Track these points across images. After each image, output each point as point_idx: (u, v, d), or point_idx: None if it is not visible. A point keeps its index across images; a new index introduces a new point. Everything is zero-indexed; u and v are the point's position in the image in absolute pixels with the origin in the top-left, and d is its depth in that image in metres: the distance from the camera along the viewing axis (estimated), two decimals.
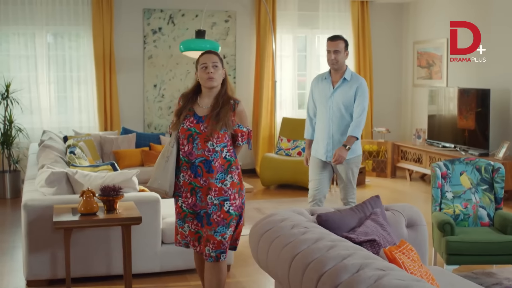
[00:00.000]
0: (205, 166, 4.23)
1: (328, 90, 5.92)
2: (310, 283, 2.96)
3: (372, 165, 11.09)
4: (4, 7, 9.79)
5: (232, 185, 4.28)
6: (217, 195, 4.24)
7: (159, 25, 10.61)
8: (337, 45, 5.80)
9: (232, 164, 4.30)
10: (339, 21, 11.46)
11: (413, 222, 4.24)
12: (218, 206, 4.23)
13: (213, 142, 4.22)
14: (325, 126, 5.93)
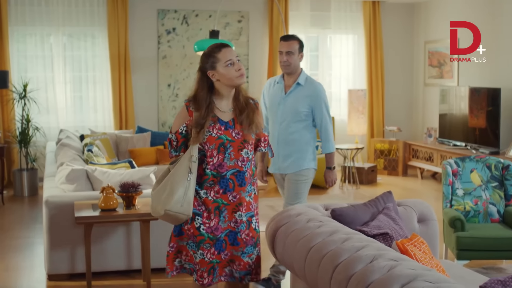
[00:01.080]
0: (237, 178, 3.68)
1: (279, 95, 5.23)
2: (326, 273, 3.09)
3: (384, 163, 11.20)
4: (21, 8, 9.98)
5: (255, 198, 3.79)
6: (245, 210, 3.71)
7: (173, 25, 10.77)
8: (290, 45, 5.07)
9: (255, 175, 3.82)
10: (351, 21, 11.59)
11: (424, 217, 4.36)
12: (247, 224, 3.71)
13: (248, 150, 3.70)
14: (275, 135, 5.24)
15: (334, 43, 11.77)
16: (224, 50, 3.70)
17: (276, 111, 5.22)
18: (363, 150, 11.32)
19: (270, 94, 5.32)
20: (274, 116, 5.26)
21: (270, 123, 5.31)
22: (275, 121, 5.23)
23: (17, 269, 5.95)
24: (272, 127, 5.27)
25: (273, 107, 5.26)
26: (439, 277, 2.63)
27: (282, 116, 5.19)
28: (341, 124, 11.49)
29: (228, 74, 3.66)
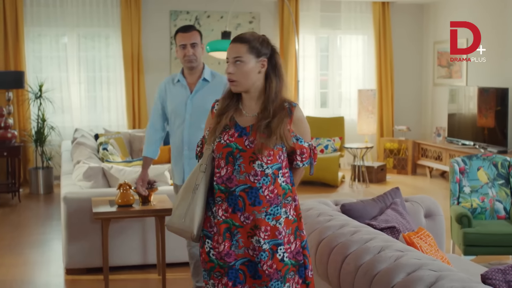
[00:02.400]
0: (249, 196, 3.00)
1: (184, 95, 4.61)
2: (336, 264, 3.25)
3: (393, 162, 11.33)
4: (36, 9, 10.17)
5: (286, 224, 3.04)
6: (268, 236, 2.99)
7: None
8: (193, 37, 4.52)
9: (287, 194, 3.07)
10: (361, 22, 11.73)
11: (431, 212, 4.51)
12: (269, 253, 3.00)
13: (263, 162, 3.00)
14: (180, 143, 4.62)
15: (344, 44, 11.91)
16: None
17: (183, 113, 4.57)
18: (373, 149, 11.45)
19: (172, 95, 4.66)
20: (180, 119, 4.59)
21: (175, 127, 4.65)
22: (183, 124, 4.58)
23: (34, 264, 6.12)
24: (177, 131, 4.63)
25: (178, 109, 4.60)
26: (442, 266, 2.78)
27: (191, 117, 4.55)
28: (351, 123, 11.63)
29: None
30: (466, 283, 2.54)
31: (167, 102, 4.68)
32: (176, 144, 4.67)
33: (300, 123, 3.10)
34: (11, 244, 6.72)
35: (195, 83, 4.61)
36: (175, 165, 4.75)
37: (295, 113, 3.08)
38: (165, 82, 4.78)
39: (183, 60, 4.54)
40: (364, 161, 10.38)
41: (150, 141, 4.81)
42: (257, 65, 3.05)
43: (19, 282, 5.57)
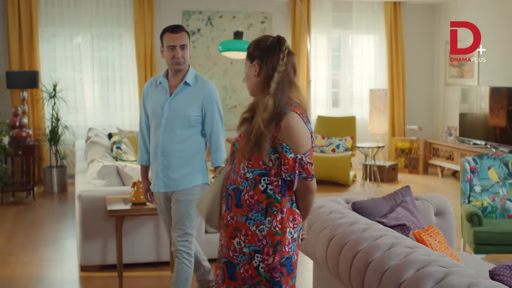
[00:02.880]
0: (236, 196, 3.03)
1: (163, 97, 4.36)
2: (346, 261, 3.31)
3: (405, 162, 11.37)
4: (50, 10, 10.28)
5: (269, 234, 2.94)
6: (249, 241, 2.97)
7: (198, 26, 11.01)
8: (183, 38, 4.28)
9: (272, 204, 2.96)
10: (372, 22, 11.77)
11: (441, 210, 4.55)
12: (248, 257, 2.98)
13: (245, 166, 3.00)
14: (155, 147, 4.38)
15: (356, 43, 11.96)
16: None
17: (160, 116, 4.33)
18: (384, 148, 11.49)
19: (151, 97, 4.43)
20: (157, 122, 4.35)
21: (152, 131, 4.41)
22: (159, 128, 4.34)
23: (49, 261, 6.21)
24: (154, 135, 4.38)
25: (156, 112, 4.36)
26: (451, 263, 2.83)
27: (167, 122, 4.30)
28: (362, 123, 11.67)
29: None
30: (474, 278, 2.59)
31: (147, 104, 4.46)
32: (152, 148, 4.41)
33: (287, 132, 2.91)
34: (26, 242, 6.82)
35: (177, 86, 4.35)
36: (151, 170, 4.50)
37: (283, 120, 2.91)
38: (148, 82, 4.53)
39: (171, 62, 4.28)
40: (375, 160, 10.42)
41: (140, 146, 4.59)
42: (251, 69, 3.07)
43: (34, 279, 5.66)
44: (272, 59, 3.00)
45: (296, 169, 2.91)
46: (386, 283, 2.88)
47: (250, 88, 3.12)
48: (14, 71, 9.73)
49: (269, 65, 3.00)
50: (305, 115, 2.99)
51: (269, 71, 2.99)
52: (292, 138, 2.90)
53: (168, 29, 4.31)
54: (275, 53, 3.00)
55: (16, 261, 6.15)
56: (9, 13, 9.93)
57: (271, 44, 3.03)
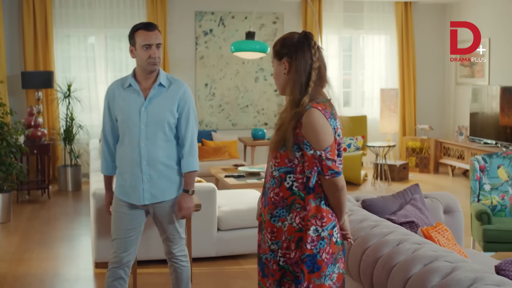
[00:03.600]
0: (265, 195, 3.09)
1: (137, 102, 4.00)
2: (356, 257, 3.39)
3: (415, 161, 11.42)
4: (65, 11, 10.41)
5: (289, 230, 2.94)
6: (275, 238, 2.99)
7: (210, 27, 11.11)
8: (159, 36, 4.01)
9: (296, 201, 2.94)
10: (383, 22, 11.83)
11: (450, 208, 4.63)
12: (275, 253, 3.01)
13: (272, 164, 3.03)
14: (137, 156, 4.01)
15: (367, 43, 12.03)
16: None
17: (137, 123, 3.99)
18: (395, 148, 11.55)
19: (122, 102, 4.03)
20: (134, 130, 4.00)
21: (127, 139, 4.03)
22: (138, 137, 4.00)
23: (65, 258, 6.32)
24: (130, 144, 4.02)
25: (130, 118, 4.00)
26: (458, 258, 2.91)
27: (147, 128, 3.99)
28: (373, 122, 11.74)
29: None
30: (480, 273, 2.66)
31: (115, 109, 4.05)
32: (130, 158, 4.02)
33: (308, 128, 2.89)
34: (42, 239, 6.94)
35: (150, 88, 4.00)
36: (125, 181, 4.07)
37: (304, 117, 2.89)
38: (113, 86, 4.11)
39: (146, 63, 3.92)
40: (386, 159, 10.48)
41: (104, 155, 4.20)
42: (280, 68, 3.00)
43: (50, 276, 5.77)
44: (303, 56, 2.95)
45: (315, 165, 2.87)
46: (395, 278, 2.96)
47: (280, 86, 3.06)
48: (29, 71, 9.86)
49: (299, 61, 2.95)
50: (328, 111, 2.95)
51: (300, 67, 2.94)
52: (312, 134, 2.87)
53: (141, 26, 3.98)
54: (304, 49, 2.95)
55: (32, 258, 6.26)
56: (24, 14, 10.07)
57: (298, 40, 2.97)
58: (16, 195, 8.97)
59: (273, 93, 11.43)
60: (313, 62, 2.95)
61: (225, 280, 5.63)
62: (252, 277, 5.67)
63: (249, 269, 5.88)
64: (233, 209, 6.16)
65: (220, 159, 9.86)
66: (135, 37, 3.95)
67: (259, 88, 11.41)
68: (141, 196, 4.03)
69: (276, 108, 11.44)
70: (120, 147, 4.10)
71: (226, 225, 6.08)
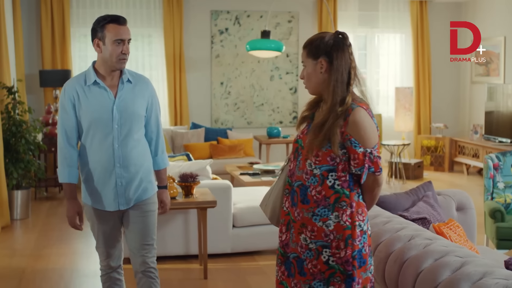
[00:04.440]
0: (301, 193, 3.01)
1: (106, 100, 3.69)
2: None
3: (430, 159, 11.45)
4: (82, 11, 10.53)
5: (337, 229, 2.93)
6: (315, 237, 2.97)
7: (226, 26, 11.18)
8: (129, 31, 3.69)
9: (341, 198, 2.95)
10: (399, 21, 11.86)
11: (463, 205, 4.68)
12: (315, 253, 2.97)
13: (311, 162, 2.98)
14: (109, 159, 3.71)
15: (382, 42, 12.05)
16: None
17: (109, 123, 3.70)
18: (410, 146, 11.58)
19: (88, 101, 3.69)
20: (105, 130, 3.70)
21: (98, 141, 3.71)
22: (111, 138, 3.70)
23: (82, 253, 6.42)
24: (103, 146, 3.71)
25: (102, 118, 3.69)
26: (468, 253, 2.96)
27: (120, 127, 3.72)
28: (388, 121, 11.77)
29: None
30: (490, 267, 2.72)
31: (81, 109, 3.68)
32: (101, 161, 3.72)
33: (355, 127, 2.90)
34: (60, 235, 7.05)
35: (116, 85, 3.73)
36: (98, 186, 3.75)
37: (351, 115, 2.90)
38: (74, 85, 3.72)
39: (117, 59, 3.62)
40: (401, 158, 10.51)
41: (68, 162, 3.74)
42: (316, 67, 2.99)
43: (69, 270, 5.88)
44: (342, 55, 2.94)
45: (366, 163, 2.88)
46: (406, 272, 3.03)
47: (313, 85, 3.04)
48: (47, 70, 9.99)
49: (340, 60, 2.94)
50: (370, 109, 2.99)
51: (341, 66, 2.94)
52: (360, 133, 2.89)
53: (112, 19, 3.64)
54: (344, 49, 2.95)
55: (51, 253, 6.37)
56: (42, 15, 10.20)
57: (336, 40, 2.97)
58: (34, 192, 9.10)
59: (288, 91, 11.50)
60: (352, 61, 2.97)
61: (241, 276, 5.70)
62: (267, 273, 5.75)
63: (264, 266, 5.95)
64: (248, 206, 6.24)
65: (235, 157, 9.94)
66: (104, 31, 3.61)
67: (274, 86, 11.48)
68: (115, 202, 3.75)
69: (291, 106, 11.50)
70: (85, 151, 3.75)
71: (242, 222, 6.16)
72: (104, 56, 3.64)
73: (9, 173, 7.69)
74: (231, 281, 5.58)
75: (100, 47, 3.64)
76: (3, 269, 5.91)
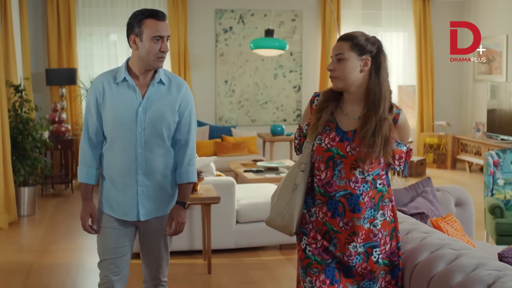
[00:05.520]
0: (349, 202, 2.91)
1: (133, 100, 3.39)
2: None
3: (433, 157, 11.54)
4: (88, 10, 10.65)
5: (384, 225, 2.97)
6: (363, 240, 2.94)
7: (230, 24, 11.28)
8: (168, 27, 3.39)
9: (384, 196, 2.99)
10: (401, 19, 11.95)
11: (461, 201, 4.76)
12: (364, 256, 2.96)
13: (364, 170, 2.91)
14: (131, 164, 3.40)
15: (385, 41, 12.12)
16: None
17: (133, 125, 3.38)
18: (413, 144, 11.66)
19: (114, 98, 3.40)
20: (129, 133, 3.39)
21: (120, 145, 3.40)
22: (134, 141, 3.39)
23: (88, 249, 6.52)
24: (124, 149, 3.40)
25: (126, 119, 3.38)
26: (463, 246, 3.05)
27: (145, 131, 3.39)
28: None
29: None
30: (483, 259, 2.81)
31: (105, 107, 3.40)
32: (123, 166, 3.41)
33: (403, 129, 2.99)
34: (66, 231, 7.16)
35: (147, 85, 3.42)
36: (115, 191, 3.45)
37: (399, 120, 2.96)
38: (102, 80, 3.45)
39: (155, 58, 3.33)
40: None
41: (87, 162, 3.48)
42: (358, 63, 2.89)
43: (75, 265, 5.99)
44: (383, 60, 2.92)
45: (408, 158, 3.03)
46: (403, 265, 3.12)
47: (347, 80, 2.92)
48: (53, 68, 10.11)
49: (379, 64, 2.90)
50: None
51: (385, 73, 2.91)
52: (407, 134, 3.02)
53: (151, 14, 3.34)
54: (385, 55, 2.94)
55: (57, 249, 6.48)
56: (49, 14, 10.31)
57: (380, 46, 2.95)
58: (41, 188, 9.21)
59: (292, 89, 11.59)
60: (388, 67, 2.95)
61: (244, 271, 5.80)
62: (270, 268, 5.85)
63: (267, 261, 6.06)
64: (251, 203, 6.34)
65: (239, 155, 10.04)
66: (142, 26, 3.31)
67: (278, 84, 11.57)
68: (135, 211, 3.43)
69: (295, 104, 11.60)
70: (108, 152, 3.45)
71: (245, 218, 6.26)
72: (140, 53, 3.33)
73: (16, 170, 7.80)
74: (235, 276, 5.68)
75: (136, 43, 3.33)
76: (11, 264, 6.03)
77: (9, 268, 5.88)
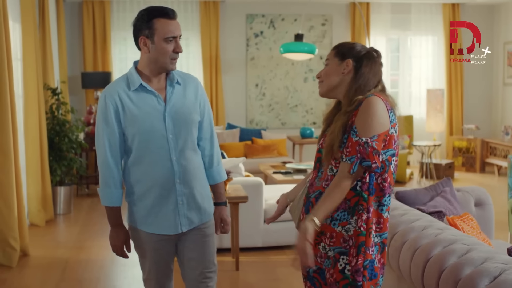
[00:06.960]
0: (317, 200, 2.80)
1: (156, 108, 3.14)
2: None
3: (462, 160, 11.59)
4: (122, 15, 10.95)
5: (354, 234, 2.73)
6: (333, 243, 2.77)
7: (261, 29, 11.49)
8: (179, 26, 3.15)
9: (359, 202, 2.74)
10: (431, 23, 12.04)
11: (481, 201, 4.89)
12: (333, 261, 2.78)
13: (332, 166, 2.80)
14: (168, 174, 3.15)
15: (414, 45, 12.25)
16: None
17: (163, 132, 3.14)
18: (442, 147, 11.74)
19: (137, 107, 3.12)
20: (161, 142, 3.14)
21: (151, 157, 3.14)
22: (167, 150, 3.15)
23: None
24: (159, 161, 3.15)
25: (156, 129, 3.13)
26: (475, 241, 3.21)
27: (175, 136, 3.17)
28: (420, 122, 11.95)
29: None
30: (492, 254, 2.96)
31: (127, 118, 3.12)
32: (158, 178, 3.15)
33: (361, 114, 2.71)
34: (100, 229, 7.41)
35: (163, 88, 3.19)
36: (158, 210, 3.18)
37: (363, 104, 2.73)
38: (115, 89, 3.13)
39: (169, 59, 3.09)
40: (432, 158, 10.68)
41: (114, 182, 3.17)
42: (340, 67, 2.85)
43: (109, 261, 6.21)
44: (373, 65, 2.84)
45: (358, 153, 2.67)
46: (417, 258, 3.28)
47: (329, 84, 2.90)
48: (88, 72, 10.42)
49: (368, 69, 2.82)
50: (389, 104, 2.80)
51: (367, 74, 2.82)
52: (363, 120, 2.70)
53: (161, 13, 3.09)
54: (376, 61, 2.87)
55: (92, 246, 6.73)
56: (85, 19, 10.64)
57: (369, 52, 2.88)
58: (76, 188, 9.50)
59: None
60: (381, 73, 2.90)
61: (271, 269, 5.96)
62: (296, 266, 6.00)
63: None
64: None
65: (269, 157, 10.23)
66: (152, 27, 3.06)
67: (308, 88, 11.74)
68: (176, 223, 3.19)
69: (324, 108, 11.72)
70: (136, 167, 3.17)
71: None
72: (152, 56, 3.09)
73: (53, 170, 8.07)
74: (261, 273, 5.84)
75: (147, 46, 3.08)
76: (48, 259, 6.29)
77: (47, 263, 6.14)
